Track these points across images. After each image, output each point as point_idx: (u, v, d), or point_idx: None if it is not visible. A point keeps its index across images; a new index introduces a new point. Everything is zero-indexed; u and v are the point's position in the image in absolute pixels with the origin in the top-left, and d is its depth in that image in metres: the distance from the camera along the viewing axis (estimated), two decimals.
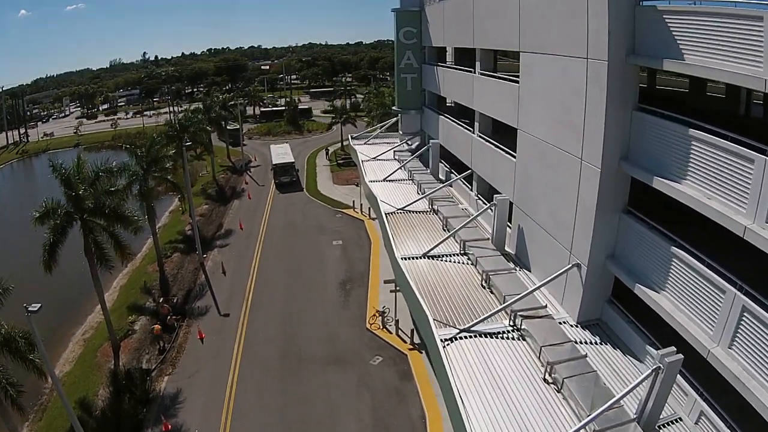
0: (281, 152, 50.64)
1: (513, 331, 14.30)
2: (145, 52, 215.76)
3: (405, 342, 23.28)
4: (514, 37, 16.73)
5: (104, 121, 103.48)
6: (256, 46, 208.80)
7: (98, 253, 21.67)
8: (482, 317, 14.28)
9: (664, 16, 11.01)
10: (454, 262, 17.64)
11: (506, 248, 18.62)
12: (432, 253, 17.75)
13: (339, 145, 60.64)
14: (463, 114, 24.92)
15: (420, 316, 14.57)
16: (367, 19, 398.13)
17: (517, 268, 17.44)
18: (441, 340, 13.36)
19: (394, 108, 30.84)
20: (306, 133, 75.16)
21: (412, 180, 25.44)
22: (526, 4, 15.87)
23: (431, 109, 28.45)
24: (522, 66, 16.47)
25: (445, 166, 25.95)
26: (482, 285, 16.39)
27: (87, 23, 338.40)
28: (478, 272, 16.85)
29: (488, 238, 18.50)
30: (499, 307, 14.55)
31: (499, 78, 18.37)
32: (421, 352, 22.62)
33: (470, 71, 21.09)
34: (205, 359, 23.19)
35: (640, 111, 12.28)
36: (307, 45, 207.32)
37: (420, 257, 17.55)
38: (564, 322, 14.68)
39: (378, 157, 29.61)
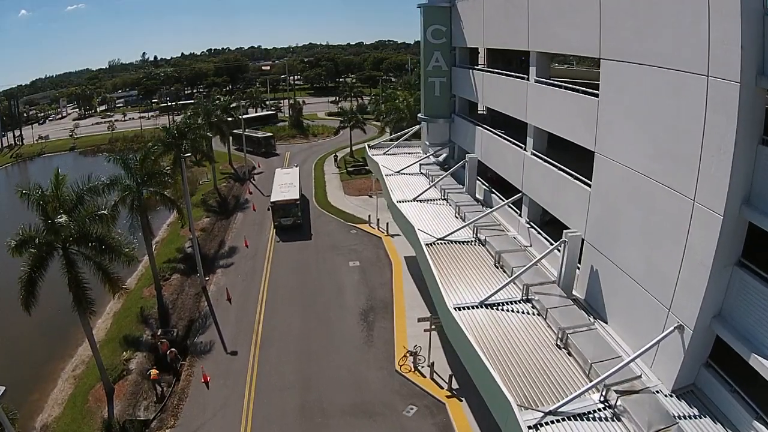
0: (286, 181, 40.46)
1: (605, 408, 11.48)
2: (144, 53, 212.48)
3: (442, 388, 20.17)
4: (591, 40, 13.64)
5: (101, 123, 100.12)
6: (256, 46, 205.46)
7: (78, 294, 18.38)
8: (571, 396, 11.24)
9: None
10: (517, 311, 14.52)
11: (574, 292, 15.55)
12: (490, 300, 14.62)
13: (348, 150, 57.51)
14: (501, 123, 21.87)
15: (493, 395, 11.52)
16: (367, 19, 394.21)
17: (591, 318, 14.38)
18: (527, 428, 10.34)
19: (419, 116, 27.70)
20: (311, 138, 71.98)
21: (446, 200, 22.28)
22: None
23: (463, 117, 25.29)
24: (604, 76, 13.43)
25: (484, 184, 22.83)
26: (558, 345, 13.34)
27: (87, 23, 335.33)
28: (550, 327, 13.81)
29: (553, 281, 15.39)
30: (590, 384, 11.59)
31: (568, 88, 15.23)
32: (461, 400, 19.56)
33: (522, 78, 17.96)
34: (212, 409, 20.01)
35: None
36: (308, 45, 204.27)
37: (476, 306, 14.43)
38: (657, 392, 11.92)
39: (402, 171, 26.46)
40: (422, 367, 21.24)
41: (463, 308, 14.28)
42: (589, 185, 14.47)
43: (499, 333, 13.58)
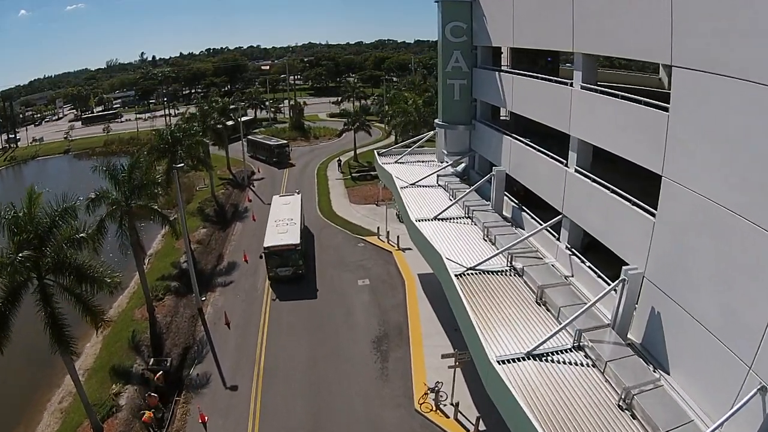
0: (284, 215, 31.52)
1: None
2: (142, 53, 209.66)
3: (467, 430, 17.98)
4: (658, 42, 11.34)
5: (97, 124, 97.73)
6: (255, 45, 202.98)
7: (55, 334, 16.10)
8: None
9: None
10: (570, 363, 12.23)
11: (629, 335, 13.30)
12: (538, 350, 12.35)
13: (352, 154, 55.19)
14: (527, 130, 19.61)
15: None
16: (366, 18, 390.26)
17: (650, 367, 12.13)
18: None
19: (436, 122, 25.33)
20: (313, 140, 69.61)
21: (471, 218, 19.95)
22: None
23: (487, 124, 22.91)
24: (676, 87, 11.13)
25: (512, 200, 20.53)
26: (620, 406, 11.10)
27: (86, 23, 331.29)
28: (609, 382, 11.59)
29: (607, 324, 13.12)
30: None
31: (626, 98, 12.91)
32: None
33: (564, 83, 15.63)
34: None
35: None
36: (307, 45, 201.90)
37: (523, 358, 12.14)
38: None
39: (418, 183, 24.13)
40: (445, 405, 19.02)
41: (508, 361, 11.99)
42: (653, 214, 12.18)
43: (552, 392, 11.30)
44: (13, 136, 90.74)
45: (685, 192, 11.11)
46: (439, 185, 23.92)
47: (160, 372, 21.43)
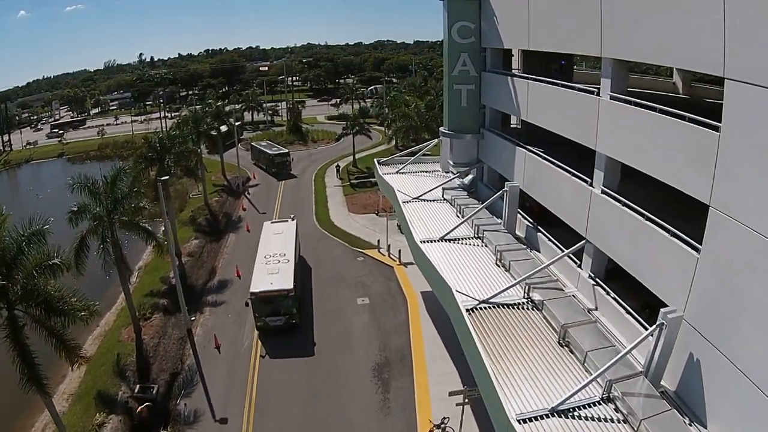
0: (275, 249, 26.96)
1: None
2: (141, 53, 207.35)
3: None
4: (709, 50, 9.70)
5: (92, 127, 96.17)
6: (254, 46, 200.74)
7: (27, 372, 14.54)
8: None
9: None
10: (599, 419, 10.53)
11: (662, 381, 11.67)
12: (564, 405, 10.69)
13: (351, 159, 53.51)
14: (539, 138, 18.01)
15: None
16: (365, 18, 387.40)
17: (686, 420, 10.51)
18: None
19: (442, 130, 23.66)
20: (311, 144, 67.91)
21: (481, 239, 18.26)
22: None
23: (498, 134, 21.22)
24: (730, 103, 9.50)
25: (526, 218, 18.89)
26: None
27: (86, 24, 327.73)
28: None
29: (640, 372, 11.47)
30: None
31: (666, 112, 11.25)
32: None
33: (590, 91, 13.97)
34: None
35: None
36: (306, 45, 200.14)
37: (547, 415, 10.48)
38: None
39: (422, 197, 22.47)
40: None
41: (530, 420, 10.33)
42: (697, 249, 10.54)
43: None
44: (8, 138, 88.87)
45: (738, 227, 9.47)
46: (444, 199, 22.21)
47: (145, 404, 19.80)
